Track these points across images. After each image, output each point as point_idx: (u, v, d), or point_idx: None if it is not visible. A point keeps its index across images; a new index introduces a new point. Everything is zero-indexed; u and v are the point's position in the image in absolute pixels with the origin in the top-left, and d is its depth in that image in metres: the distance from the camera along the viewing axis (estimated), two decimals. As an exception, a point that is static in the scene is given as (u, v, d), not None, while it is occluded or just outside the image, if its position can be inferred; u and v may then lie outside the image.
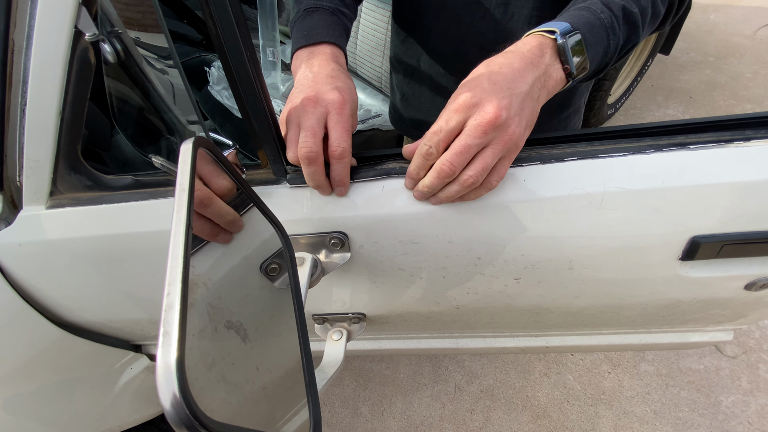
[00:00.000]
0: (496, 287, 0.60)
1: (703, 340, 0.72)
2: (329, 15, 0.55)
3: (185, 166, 0.29)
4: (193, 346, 0.25)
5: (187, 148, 0.30)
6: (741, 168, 0.46)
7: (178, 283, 0.23)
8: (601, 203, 0.49)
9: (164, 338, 0.22)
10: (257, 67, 0.43)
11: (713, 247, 0.50)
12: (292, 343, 0.45)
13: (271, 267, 0.51)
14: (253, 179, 0.53)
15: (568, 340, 0.78)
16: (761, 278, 0.54)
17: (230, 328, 0.36)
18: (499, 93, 0.40)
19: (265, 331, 0.53)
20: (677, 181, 0.47)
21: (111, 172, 0.69)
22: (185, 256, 0.25)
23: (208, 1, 0.38)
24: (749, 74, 2.40)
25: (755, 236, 0.49)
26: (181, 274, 0.24)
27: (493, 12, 0.61)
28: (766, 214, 0.48)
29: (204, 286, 0.35)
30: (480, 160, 0.41)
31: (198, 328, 0.30)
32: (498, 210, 0.51)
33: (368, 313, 0.68)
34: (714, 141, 0.47)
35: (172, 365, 0.21)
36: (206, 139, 0.33)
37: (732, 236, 0.49)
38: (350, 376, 1.45)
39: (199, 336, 0.30)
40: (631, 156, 0.48)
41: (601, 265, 0.54)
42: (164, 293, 0.23)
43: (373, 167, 0.53)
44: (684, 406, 1.31)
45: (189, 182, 0.28)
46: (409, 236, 0.55)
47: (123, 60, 0.43)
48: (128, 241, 0.54)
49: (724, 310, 0.62)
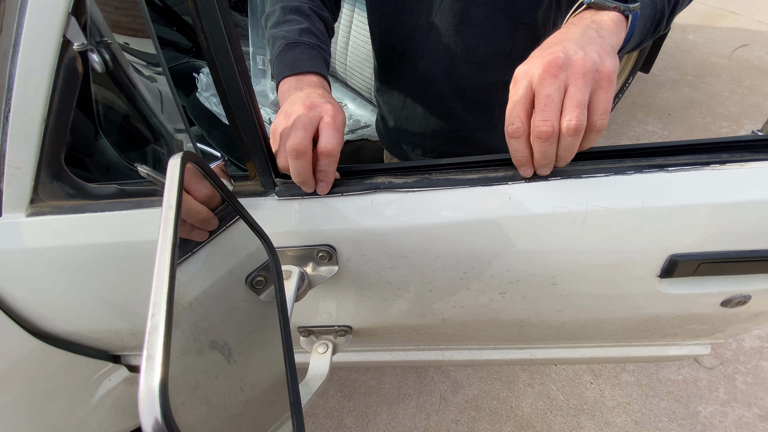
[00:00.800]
0: (482, 301, 0.61)
1: (682, 353, 0.74)
2: (310, 49, 0.57)
3: (173, 182, 0.29)
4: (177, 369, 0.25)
5: (175, 163, 0.30)
6: (716, 190, 0.48)
7: (163, 304, 0.23)
8: (583, 221, 0.50)
9: (148, 362, 0.21)
10: (247, 81, 0.43)
11: (690, 265, 0.51)
12: (277, 357, 0.45)
13: (257, 280, 0.50)
14: (241, 191, 0.53)
15: (551, 353, 0.79)
16: (737, 296, 0.56)
17: (215, 348, 0.35)
18: (548, 49, 0.40)
19: (249, 345, 0.52)
20: (656, 202, 0.49)
21: (94, 177, 0.68)
22: (171, 275, 0.24)
23: (199, 15, 0.38)
24: (726, 93, 2.49)
25: (730, 256, 0.51)
26: (167, 294, 0.23)
27: (480, 27, 0.62)
28: (741, 235, 0.50)
29: (189, 305, 0.35)
30: (570, 99, 0.38)
31: (182, 349, 0.29)
32: (484, 226, 0.52)
33: (354, 325, 0.68)
34: (691, 163, 0.49)
35: (155, 389, 0.21)
36: (194, 153, 0.33)
37: (708, 255, 0.51)
38: (335, 387, 1.44)
39: (183, 358, 0.29)
40: (612, 176, 0.49)
41: (583, 281, 0.56)
42: (149, 314, 0.23)
43: (362, 181, 0.53)
44: (663, 416, 1.33)
45: (176, 199, 0.28)
46: (397, 250, 0.55)
47: (111, 70, 0.43)
48: (110, 251, 0.53)
49: (701, 325, 0.64)
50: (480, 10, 0.61)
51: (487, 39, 0.63)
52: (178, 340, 0.28)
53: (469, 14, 0.61)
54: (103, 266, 0.55)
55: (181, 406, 0.28)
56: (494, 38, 0.63)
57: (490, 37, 0.63)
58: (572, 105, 0.38)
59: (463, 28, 0.63)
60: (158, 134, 0.54)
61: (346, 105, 1.44)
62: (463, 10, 0.61)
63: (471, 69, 0.67)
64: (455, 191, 0.52)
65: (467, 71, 0.67)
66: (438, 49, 0.66)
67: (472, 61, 0.66)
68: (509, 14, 0.61)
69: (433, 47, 0.66)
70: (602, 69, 0.39)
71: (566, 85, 0.39)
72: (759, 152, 0.49)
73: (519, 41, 0.64)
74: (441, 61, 0.67)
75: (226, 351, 0.37)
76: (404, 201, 0.52)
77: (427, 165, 0.54)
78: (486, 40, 0.64)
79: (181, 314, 0.32)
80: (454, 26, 0.63)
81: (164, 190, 0.29)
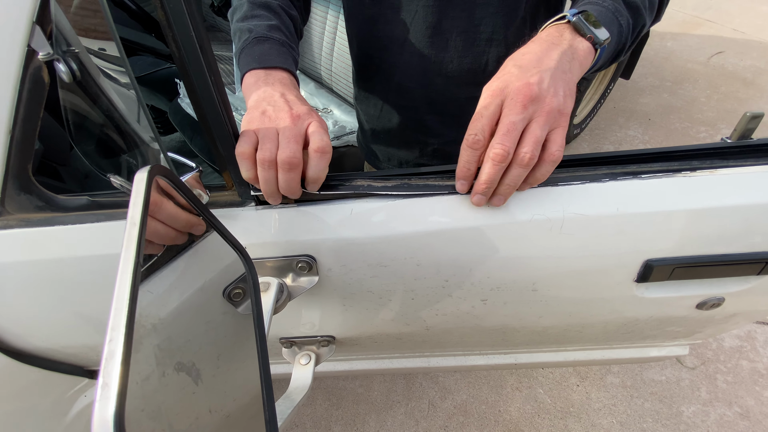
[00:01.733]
0: (464, 308, 0.61)
1: (661, 355, 0.75)
2: (279, 45, 0.55)
3: (138, 198, 0.28)
4: (136, 396, 0.24)
5: (142, 177, 0.29)
6: (688, 196, 0.49)
7: (122, 328, 0.22)
8: (561, 228, 0.51)
9: (102, 390, 0.21)
10: (221, 89, 0.43)
11: (665, 269, 0.52)
12: (257, 370, 0.44)
13: (234, 292, 0.49)
14: (217, 201, 0.52)
15: (535, 357, 0.79)
16: (711, 298, 0.58)
17: (180, 370, 0.34)
18: (527, 72, 0.41)
19: (229, 358, 0.51)
20: (630, 208, 0.50)
21: (70, 187, 0.66)
22: (132, 297, 0.23)
23: (170, 24, 0.37)
24: (703, 98, 2.57)
25: (703, 260, 0.52)
26: (126, 317, 0.23)
27: (454, 41, 0.63)
28: (713, 239, 0.51)
29: (153, 327, 0.34)
30: (529, 134, 0.41)
31: (143, 375, 0.28)
32: (463, 234, 0.52)
33: (337, 335, 0.67)
34: (663, 171, 0.50)
35: (109, 421, 0.20)
36: (163, 166, 0.32)
37: (682, 260, 0.52)
38: (322, 395, 1.42)
39: (143, 384, 0.28)
40: (588, 184, 0.50)
41: (562, 287, 0.56)
42: (106, 339, 0.22)
43: (341, 190, 0.52)
44: (648, 417, 1.35)
45: (141, 216, 0.27)
46: (378, 259, 0.55)
47: (79, 79, 0.42)
48: (83, 264, 0.52)
49: (678, 327, 0.65)
50: (453, 24, 0.61)
51: (459, 53, 0.64)
52: (139, 366, 0.27)
53: (442, 27, 0.61)
54: (75, 280, 0.53)
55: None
56: (467, 53, 0.63)
57: (463, 51, 0.63)
58: (531, 140, 0.41)
59: (437, 40, 0.63)
60: (133, 144, 0.53)
61: (331, 111, 1.44)
62: (437, 23, 0.61)
63: (444, 82, 0.67)
64: (435, 199, 0.52)
65: (441, 84, 0.67)
66: (413, 60, 0.66)
67: (446, 74, 0.66)
68: (482, 30, 0.61)
69: (408, 58, 0.66)
70: (564, 110, 0.42)
71: (531, 118, 0.41)
72: (728, 159, 0.51)
73: (493, 57, 0.64)
74: (415, 72, 0.67)
75: (194, 372, 0.36)
76: (384, 209, 0.52)
77: (406, 173, 0.54)
78: (459, 55, 0.64)
79: (143, 337, 0.31)
80: (427, 38, 0.63)
81: (129, 206, 0.28)
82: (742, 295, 0.57)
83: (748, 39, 3.07)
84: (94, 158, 0.52)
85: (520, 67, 0.42)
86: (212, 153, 0.47)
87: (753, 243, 0.51)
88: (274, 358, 0.79)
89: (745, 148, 0.51)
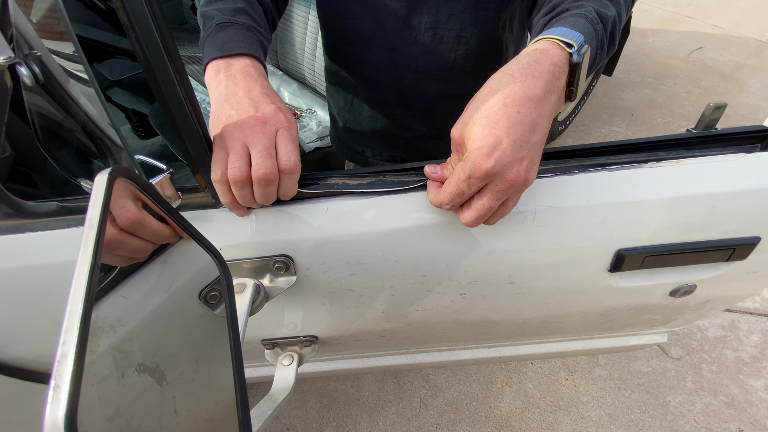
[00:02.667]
0: (444, 303, 0.61)
1: (641, 343, 0.77)
2: (245, 30, 0.51)
3: (97, 200, 0.27)
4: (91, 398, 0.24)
5: (102, 179, 0.29)
6: (655, 186, 0.50)
7: (75, 330, 0.22)
8: (533, 221, 0.51)
9: (54, 392, 0.20)
10: (189, 90, 0.42)
11: (637, 258, 0.53)
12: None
13: (211, 294, 0.49)
14: (190, 203, 0.51)
15: (519, 350, 0.80)
16: (683, 285, 0.59)
17: (143, 371, 0.34)
18: (519, 153, 0.37)
19: (208, 361, 0.51)
20: (600, 200, 0.50)
21: (44, 194, 0.65)
22: (87, 299, 0.23)
23: (132, 25, 0.37)
24: (684, 93, 2.61)
25: (673, 248, 0.53)
26: (80, 319, 0.22)
27: (422, 36, 0.63)
28: (681, 228, 0.52)
29: (111, 329, 0.33)
30: (501, 212, 0.42)
31: (99, 377, 0.28)
32: (438, 230, 0.52)
33: (320, 335, 0.67)
34: (631, 162, 0.51)
35: (60, 422, 0.20)
36: (126, 168, 0.32)
37: (652, 248, 0.53)
38: (314, 397, 1.42)
39: (99, 386, 0.28)
40: (558, 176, 0.51)
41: (538, 279, 0.57)
42: (59, 341, 0.22)
43: (315, 187, 0.52)
44: (636, 408, 1.36)
45: (99, 218, 0.26)
46: (356, 257, 0.55)
47: (43, 83, 0.41)
48: (55, 271, 0.51)
49: (655, 315, 0.67)
50: (422, 19, 0.61)
51: (428, 49, 0.63)
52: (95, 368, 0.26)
53: (411, 22, 0.61)
54: (47, 288, 0.53)
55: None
56: (436, 49, 0.63)
57: (432, 47, 0.63)
58: (501, 215, 0.43)
59: (406, 35, 0.63)
60: (105, 147, 0.52)
61: (315, 112, 1.44)
62: (406, 17, 0.61)
63: (414, 77, 0.67)
64: (410, 195, 0.52)
65: (410, 79, 0.67)
66: (382, 54, 0.66)
67: (415, 69, 0.66)
68: (450, 28, 0.61)
69: (377, 52, 0.66)
70: (528, 182, 0.40)
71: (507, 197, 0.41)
72: (693, 149, 0.52)
73: (461, 55, 0.64)
74: (385, 66, 0.67)
75: (158, 374, 0.36)
76: (360, 207, 0.52)
77: (380, 170, 0.54)
78: (428, 50, 0.63)
79: (100, 340, 0.30)
80: (397, 32, 0.63)
81: (87, 207, 0.28)
82: (713, 282, 0.58)
83: (727, 34, 3.14)
84: (64, 163, 0.51)
85: (514, 141, 0.37)
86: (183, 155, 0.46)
87: (720, 230, 0.52)
88: (258, 361, 0.79)
89: (709, 137, 0.52)
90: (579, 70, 0.40)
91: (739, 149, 0.51)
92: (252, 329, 0.66)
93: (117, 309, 0.40)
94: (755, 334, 1.52)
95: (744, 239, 0.52)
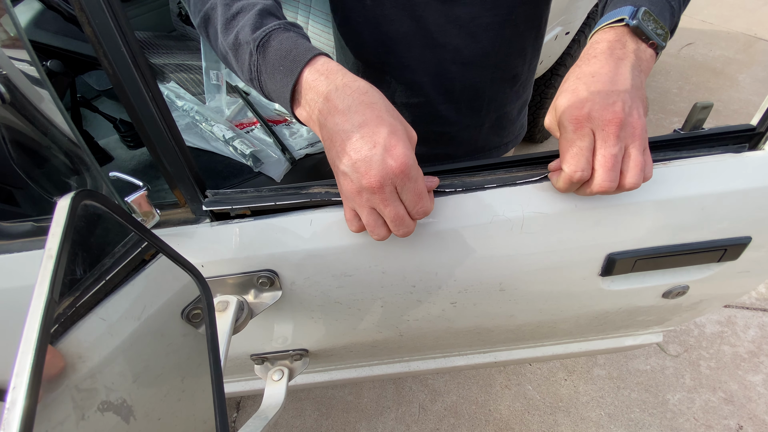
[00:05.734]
0: (435, 312, 0.60)
1: (637, 343, 0.76)
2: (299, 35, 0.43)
3: (57, 228, 0.26)
4: None
5: (64, 205, 0.27)
6: (644, 189, 0.49)
7: (26, 373, 0.21)
8: (521, 228, 0.50)
9: None
10: (162, 105, 0.41)
11: (628, 262, 0.53)
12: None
13: (193, 313, 0.48)
14: (170, 219, 0.50)
15: (514, 354, 0.79)
16: (676, 287, 0.58)
17: (107, 410, 0.32)
18: (607, 98, 0.40)
19: (194, 379, 0.49)
20: (588, 204, 0.50)
21: (25, 212, 0.64)
22: (40, 338, 0.22)
23: (99, 42, 0.36)
24: (675, 90, 2.62)
25: (664, 250, 0.52)
26: (33, 361, 0.21)
27: (467, 26, 0.61)
28: (672, 230, 0.51)
29: (71, 367, 0.32)
30: (633, 163, 0.41)
31: (56, 420, 0.27)
32: (426, 239, 0.51)
33: (310, 348, 0.66)
34: (618, 164, 0.50)
35: None
36: (93, 191, 0.30)
37: (643, 251, 0.52)
38: (312, 405, 1.40)
39: (58, 429, 0.26)
40: (545, 182, 0.50)
41: (529, 285, 0.56)
42: (9, 386, 0.20)
43: (297, 196, 0.50)
44: (635, 407, 1.36)
45: (58, 248, 0.25)
46: (342, 269, 0.54)
47: (11, 101, 0.40)
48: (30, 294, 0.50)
49: (648, 316, 0.66)
50: (465, 10, 0.59)
51: (474, 38, 0.62)
52: (51, 412, 0.25)
53: (455, 14, 0.59)
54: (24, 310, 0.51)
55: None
56: (482, 37, 0.62)
57: (478, 36, 0.62)
58: (637, 169, 0.42)
59: (449, 29, 0.61)
60: (82, 165, 0.51)
61: None
62: (449, 11, 0.59)
63: (459, 69, 0.65)
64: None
65: (456, 72, 0.65)
66: (424, 54, 0.64)
67: (461, 61, 0.64)
68: (496, 13, 0.60)
69: (418, 53, 0.64)
70: (646, 131, 0.42)
71: (626, 145, 0.41)
72: (680, 150, 0.51)
73: (506, 39, 0.63)
74: (428, 65, 0.65)
75: (124, 410, 0.34)
76: (344, 218, 0.51)
77: None
78: (474, 40, 0.62)
79: (58, 380, 0.29)
80: (440, 28, 0.61)
81: (47, 235, 0.26)
82: (705, 282, 0.57)
83: (716, 30, 3.16)
84: (40, 181, 0.50)
85: (597, 93, 0.40)
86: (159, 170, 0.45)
87: (711, 231, 0.52)
88: (249, 374, 0.77)
89: (697, 138, 0.51)
90: (642, 27, 0.42)
91: (727, 149, 0.51)
92: (241, 344, 0.65)
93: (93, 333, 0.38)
94: (752, 329, 1.52)
95: (735, 239, 0.52)
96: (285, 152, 1.15)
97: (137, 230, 0.36)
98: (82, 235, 0.33)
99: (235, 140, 1.08)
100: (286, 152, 1.16)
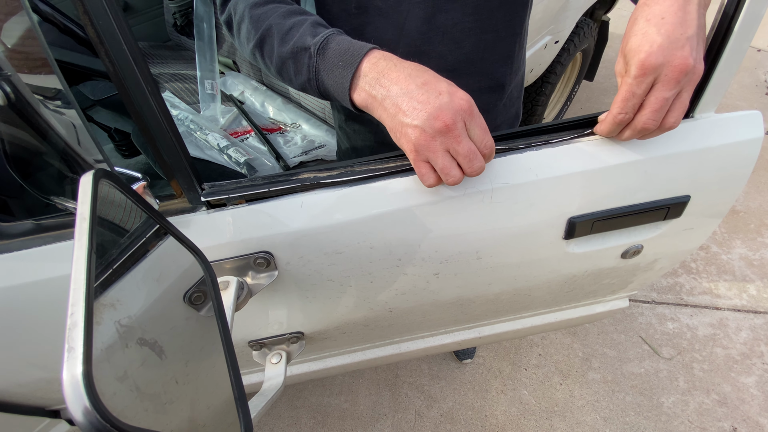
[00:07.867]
0: (420, 285, 0.64)
1: (606, 310, 0.81)
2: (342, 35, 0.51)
3: (85, 196, 0.30)
4: (101, 360, 0.26)
5: (87, 179, 0.32)
6: (595, 157, 0.56)
7: (81, 302, 0.24)
8: (491, 198, 0.56)
9: (69, 353, 0.22)
10: (159, 99, 0.45)
11: (586, 224, 0.59)
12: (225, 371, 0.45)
13: (195, 296, 0.49)
14: (168, 210, 0.54)
15: (496, 328, 0.83)
16: (631, 246, 0.64)
17: (143, 344, 0.35)
18: (677, 44, 0.41)
19: (198, 362, 0.51)
20: (547, 173, 0.56)
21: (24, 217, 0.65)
22: (88, 278, 0.26)
23: (101, 40, 0.40)
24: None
25: (616, 212, 0.59)
26: (84, 294, 0.25)
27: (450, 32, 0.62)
28: (621, 193, 0.58)
29: (111, 306, 0.35)
30: (679, 105, 0.43)
31: (106, 344, 0.30)
32: (407, 214, 0.56)
33: (306, 330, 0.69)
34: (573, 137, 0.57)
35: (79, 378, 0.22)
36: (107, 170, 0.34)
37: (598, 214, 0.59)
38: (307, 414, 1.38)
39: (107, 351, 0.29)
40: (509, 155, 0.57)
41: (502, 252, 0.61)
42: (67, 314, 0.24)
43: (288, 182, 0.55)
44: (630, 410, 1.35)
45: (90, 210, 0.29)
46: (333, 247, 0.58)
47: (14, 103, 0.42)
48: (31, 291, 0.51)
49: (612, 279, 0.71)
50: (447, 16, 0.60)
51: (458, 44, 0.63)
52: (101, 336, 0.28)
53: (437, 21, 0.60)
54: (23, 309, 0.52)
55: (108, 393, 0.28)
56: (465, 43, 0.63)
57: (461, 42, 0.63)
58: (680, 110, 0.44)
59: (432, 36, 0.62)
60: (76, 167, 0.53)
61: (300, 126, 1.43)
62: (431, 17, 0.60)
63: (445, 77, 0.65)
64: (379, 183, 0.56)
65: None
66: (409, 60, 0.64)
67: (446, 68, 0.64)
68: (476, 18, 0.61)
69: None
70: (697, 70, 0.43)
71: (681, 88, 0.43)
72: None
73: (489, 43, 0.64)
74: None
75: (157, 348, 0.37)
76: (333, 198, 0.55)
77: (348, 163, 0.57)
78: (457, 46, 0.63)
79: (103, 313, 0.32)
80: (422, 35, 0.61)
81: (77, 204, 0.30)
82: (656, 241, 0.64)
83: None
84: (37, 184, 0.52)
85: (667, 37, 0.41)
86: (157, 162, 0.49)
87: (654, 192, 0.58)
88: (246, 368, 0.79)
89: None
90: None
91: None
92: (238, 331, 0.67)
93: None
94: (744, 331, 1.53)
95: (676, 198, 0.59)
96: (279, 160, 1.18)
97: (149, 212, 0.40)
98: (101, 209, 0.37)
99: (230, 148, 1.11)
100: (281, 160, 1.18)
